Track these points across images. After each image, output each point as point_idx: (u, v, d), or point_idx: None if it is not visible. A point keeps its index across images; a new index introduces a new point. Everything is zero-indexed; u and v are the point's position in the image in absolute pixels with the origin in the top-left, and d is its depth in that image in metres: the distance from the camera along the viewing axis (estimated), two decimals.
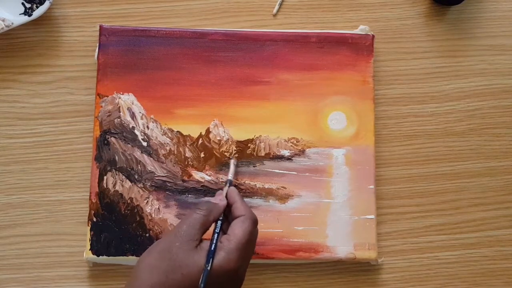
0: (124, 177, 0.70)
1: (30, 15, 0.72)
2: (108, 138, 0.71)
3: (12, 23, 0.71)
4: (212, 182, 0.71)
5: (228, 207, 0.62)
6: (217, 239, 0.58)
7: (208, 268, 0.55)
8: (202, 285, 0.54)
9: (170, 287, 0.54)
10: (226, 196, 0.63)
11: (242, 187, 0.71)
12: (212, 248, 0.56)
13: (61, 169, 0.72)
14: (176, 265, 0.55)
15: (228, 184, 0.66)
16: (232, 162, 0.70)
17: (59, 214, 0.72)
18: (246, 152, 0.72)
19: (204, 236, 0.59)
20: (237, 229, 0.58)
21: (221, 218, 0.61)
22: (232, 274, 0.56)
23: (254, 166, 0.71)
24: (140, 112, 0.71)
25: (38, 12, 0.72)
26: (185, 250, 0.55)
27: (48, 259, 0.71)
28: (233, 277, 0.57)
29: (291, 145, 0.72)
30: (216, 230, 0.60)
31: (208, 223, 0.59)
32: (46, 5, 0.72)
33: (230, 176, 0.68)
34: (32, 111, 0.73)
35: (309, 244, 0.70)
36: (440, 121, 0.76)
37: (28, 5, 0.72)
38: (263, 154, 0.72)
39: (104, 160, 0.70)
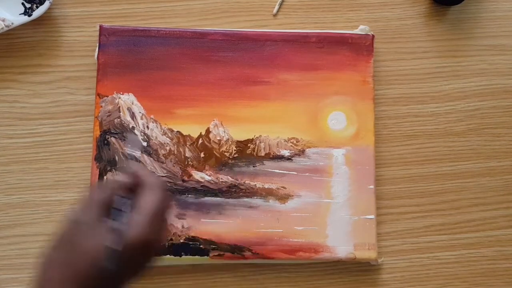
0: None
1: (30, 15, 0.72)
2: (108, 138, 0.71)
3: (12, 23, 0.71)
4: (212, 182, 0.71)
5: (133, 182, 0.55)
6: (116, 215, 0.52)
7: (111, 246, 0.49)
8: (107, 263, 0.48)
9: (78, 275, 0.49)
10: (129, 173, 0.56)
11: (242, 187, 0.71)
12: (114, 226, 0.50)
13: (61, 169, 0.72)
14: (79, 250, 0.50)
15: (129, 159, 0.60)
16: (130, 136, 0.63)
17: (59, 214, 0.71)
18: (246, 152, 0.72)
19: None
20: (143, 200, 0.52)
21: (123, 195, 0.54)
22: (143, 248, 0.51)
23: (254, 166, 0.71)
24: (140, 112, 0.71)
25: (38, 12, 0.72)
26: (86, 232, 0.50)
27: None
28: (146, 251, 0.51)
29: (291, 145, 0.72)
30: (114, 206, 0.53)
31: (107, 200, 0.52)
32: (46, 5, 0.72)
33: (129, 150, 0.61)
34: (32, 111, 0.73)
35: (309, 244, 0.70)
36: (440, 121, 0.76)
37: (28, 5, 0.72)
38: (263, 154, 0.72)
39: (104, 160, 0.70)
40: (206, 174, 0.71)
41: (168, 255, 0.68)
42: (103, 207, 0.52)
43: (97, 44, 0.72)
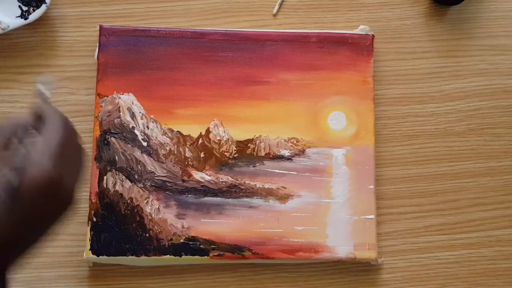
0: (124, 177, 0.70)
1: (26, 18, 0.72)
2: (108, 138, 0.71)
3: (8, 26, 0.71)
4: (212, 182, 0.71)
5: (35, 118, 0.49)
6: (19, 149, 0.46)
7: (9, 180, 0.44)
8: (3, 195, 0.44)
9: None
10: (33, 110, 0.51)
11: (242, 187, 0.71)
12: (13, 160, 0.45)
13: None
14: None
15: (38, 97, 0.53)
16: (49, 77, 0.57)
17: None
18: (246, 152, 0.72)
19: None
20: (43, 134, 0.47)
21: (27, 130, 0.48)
22: (47, 186, 0.45)
23: (254, 166, 0.71)
24: (140, 112, 0.71)
25: (34, 15, 0.72)
26: None
27: (48, 259, 0.71)
28: (51, 190, 0.45)
29: (291, 145, 0.72)
30: (17, 139, 0.47)
31: (9, 133, 0.47)
32: (42, 9, 0.72)
33: (41, 86, 0.53)
34: None
35: (309, 244, 0.70)
36: (440, 121, 0.76)
37: (25, 8, 0.72)
38: (263, 154, 0.72)
39: (104, 160, 0.70)
40: (206, 174, 0.71)
41: (168, 255, 0.69)
42: (4, 140, 0.46)
43: (97, 44, 0.72)
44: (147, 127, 0.71)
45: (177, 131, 0.72)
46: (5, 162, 0.45)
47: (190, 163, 0.71)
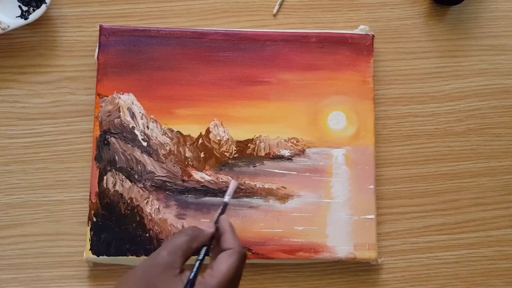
0: (124, 177, 0.70)
1: (26, 18, 0.72)
2: (108, 138, 0.71)
3: (8, 26, 0.71)
4: (212, 182, 0.71)
5: (217, 235, 0.57)
6: (197, 269, 0.53)
7: None
8: None
9: None
10: (217, 223, 0.57)
11: (242, 187, 0.71)
12: (191, 277, 0.51)
13: (61, 169, 0.72)
14: None
15: (221, 209, 0.59)
16: (232, 183, 0.61)
17: (59, 214, 0.72)
18: (246, 152, 0.72)
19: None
20: (222, 264, 0.53)
21: (207, 245, 0.56)
22: None
23: (254, 166, 0.71)
24: (140, 112, 0.71)
25: (34, 15, 0.72)
26: (163, 280, 0.50)
27: (48, 259, 0.71)
28: None
29: (291, 145, 0.72)
30: (199, 258, 0.54)
31: (190, 250, 0.54)
32: (42, 9, 0.72)
33: (226, 198, 0.60)
34: (32, 111, 0.73)
35: (309, 244, 0.70)
36: (440, 121, 0.76)
37: (25, 8, 0.72)
38: (263, 154, 0.72)
39: (104, 160, 0.70)
40: (206, 174, 0.71)
41: None
42: (186, 255, 0.53)
43: (97, 44, 0.72)
44: (147, 127, 0.71)
45: (177, 131, 0.72)
46: (184, 278, 0.51)
47: (190, 163, 0.71)
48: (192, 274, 0.52)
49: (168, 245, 0.53)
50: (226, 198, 0.60)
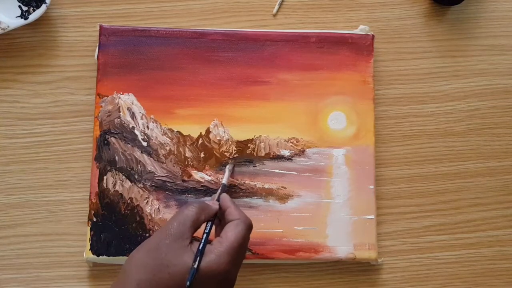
0: (124, 177, 0.70)
1: (26, 18, 0.72)
2: (108, 138, 0.71)
3: (8, 26, 0.71)
4: (212, 182, 0.71)
5: (221, 212, 0.60)
6: (205, 239, 0.56)
7: (195, 267, 0.53)
8: (188, 283, 0.52)
9: (157, 285, 0.53)
10: (218, 201, 0.62)
11: (242, 187, 0.71)
12: (201, 248, 0.54)
13: (61, 169, 0.72)
14: (163, 263, 0.53)
15: (221, 189, 0.65)
16: (228, 168, 0.69)
17: (59, 214, 0.72)
18: (246, 152, 0.72)
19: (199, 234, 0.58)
20: (230, 232, 0.57)
21: (212, 219, 0.60)
22: (221, 278, 0.55)
23: (254, 166, 0.71)
24: (140, 112, 0.71)
25: (34, 15, 0.72)
26: (174, 249, 0.54)
27: (48, 259, 0.71)
28: (222, 281, 0.55)
29: (291, 145, 0.72)
30: (205, 230, 0.58)
31: (199, 221, 0.57)
32: (42, 9, 0.72)
33: (224, 180, 0.68)
34: (32, 111, 0.73)
35: (309, 244, 0.70)
36: (440, 121, 0.76)
37: (25, 8, 0.72)
38: (263, 154, 0.72)
39: (104, 160, 0.70)
40: (206, 174, 0.71)
41: None
42: (195, 226, 0.57)
43: (97, 44, 0.72)
44: (147, 127, 0.71)
45: (177, 131, 0.72)
46: (194, 248, 0.55)
47: (190, 163, 0.71)
48: (201, 244, 0.55)
49: (178, 216, 0.57)
50: (224, 181, 0.67)
